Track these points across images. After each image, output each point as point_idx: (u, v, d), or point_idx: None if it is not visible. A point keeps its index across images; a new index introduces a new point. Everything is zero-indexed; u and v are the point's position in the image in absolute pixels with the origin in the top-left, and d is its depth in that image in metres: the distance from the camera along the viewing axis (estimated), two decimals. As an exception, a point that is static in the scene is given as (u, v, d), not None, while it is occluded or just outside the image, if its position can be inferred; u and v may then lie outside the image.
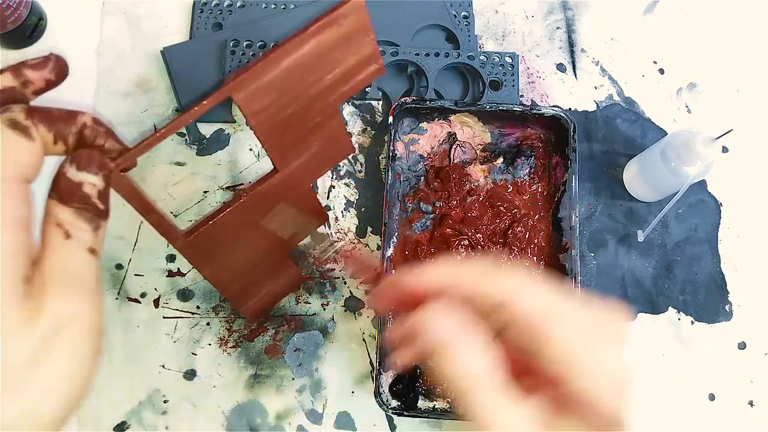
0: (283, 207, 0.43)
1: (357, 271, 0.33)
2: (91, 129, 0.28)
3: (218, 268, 0.44)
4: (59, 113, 0.27)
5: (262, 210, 0.42)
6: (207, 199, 0.58)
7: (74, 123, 0.27)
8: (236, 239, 0.43)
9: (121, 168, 0.30)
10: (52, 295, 0.24)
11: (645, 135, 0.62)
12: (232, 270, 0.45)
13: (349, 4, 0.35)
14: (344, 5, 0.35)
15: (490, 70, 0.60)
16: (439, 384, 0.53)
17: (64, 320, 0.24)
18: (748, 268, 0.59)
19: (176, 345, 0.54)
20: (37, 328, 0.23)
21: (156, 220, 0.36)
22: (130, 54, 0.61)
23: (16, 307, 0.23)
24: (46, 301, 0.24)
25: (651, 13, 0.66)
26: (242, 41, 0.59)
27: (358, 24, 0.36)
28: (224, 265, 0.44)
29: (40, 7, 0.60)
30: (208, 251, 0.41)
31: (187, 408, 0.53)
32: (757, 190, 0.61)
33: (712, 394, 0.56)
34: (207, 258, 0.42)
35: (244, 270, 0.46)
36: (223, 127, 0.60)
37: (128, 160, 0.30)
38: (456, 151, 0.59)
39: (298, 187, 0.43)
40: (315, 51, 0.35)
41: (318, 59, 0.36)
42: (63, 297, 0.24)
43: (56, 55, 0.29)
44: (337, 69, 0.37)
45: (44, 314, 0.23)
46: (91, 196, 0.26)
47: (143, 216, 0.35)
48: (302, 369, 0.54)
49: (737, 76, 0.64)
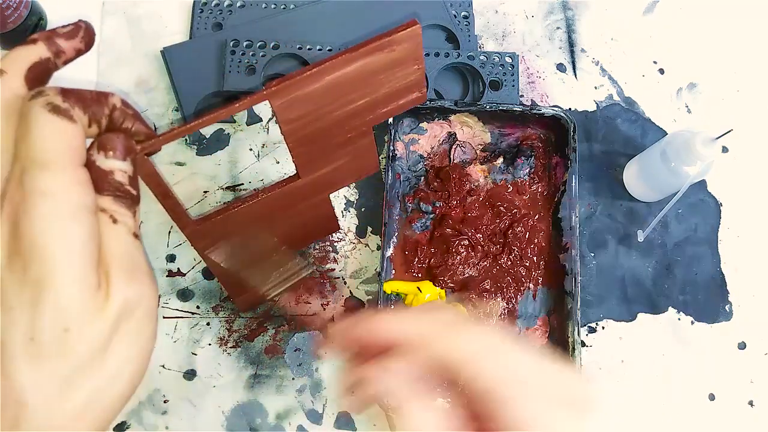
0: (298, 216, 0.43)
1: None
2: (120, 111, 0.27)
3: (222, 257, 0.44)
4: (91, 95, 0.26)
5: (275, 211, 0.42)
6: (207, 199, 0.58)
7: (106, 104, 0.27)
8: (244, 232, 0.43)
9: (146, 152, 0.30)
10: (117, 281, 0.24)
11: (645, 135, 0.62)
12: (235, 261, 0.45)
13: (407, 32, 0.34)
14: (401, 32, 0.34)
15: (490, 70, 0.60)
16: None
17: (131, 304, 0.25)
18: (748, 268, 0.59)
19: (176, 345, 0.54)
20: (108, 314, 0.24)
21: (171, 205, 0.36)
22: (130, 54, 0.61)
23: (91, 295, 0.23)
24: (113, 287, 0.24)
25: (651, 13, 0.66)
26: (242, 41, 0.59)
27: (410, 52, 0.35)
28: (226, 254, 0.44)
29: (40, 7, 0.60)
30: (215, 241, 0.42)
31: (187, 408, 0.53)
32: (757, 190, 0.61)
33: (712, 394, 0.56)
34: (211, 246, 0.42)
35: (246, 260, 0.46)
36: (223, 127, 0.60)
37: (155, 145, 0.30)
38: (456, 151, 0.59)
39: (317, 195, 0.43)
40: (361, 71, 0.34)
41: (362, 79, 0.35)
42: (127, 282, 0.25)
43: (85, 22, 0.28)
44: (380, 91, 0.36)
45: (113, 300, 0.24)
46: (124, 183, 0.26)
47: (159, 199, 0.35)
48: (302, 369, 0.54)
49: (737, 76, 0.64)
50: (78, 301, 0.23)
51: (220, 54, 0.60)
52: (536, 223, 0.57)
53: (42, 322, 0.23)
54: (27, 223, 0.23)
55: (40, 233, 0.23)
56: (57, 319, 0.23)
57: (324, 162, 0.40)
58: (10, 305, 0.23)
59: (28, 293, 0.23)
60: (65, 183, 0.23)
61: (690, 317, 0.57)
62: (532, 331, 0.55)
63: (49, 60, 0.27)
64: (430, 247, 0.56)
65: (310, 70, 0.33)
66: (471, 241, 0.56)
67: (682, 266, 0.59)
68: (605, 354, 0.56)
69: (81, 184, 0.24)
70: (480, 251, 0.56)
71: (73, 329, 0.23)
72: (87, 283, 0.23)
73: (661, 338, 0.57)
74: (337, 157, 0.40)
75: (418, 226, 0.57)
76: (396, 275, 0.55)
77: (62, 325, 0.23)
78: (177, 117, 0.60)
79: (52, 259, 0.23)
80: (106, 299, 0.24)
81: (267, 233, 0.44)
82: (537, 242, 0.57)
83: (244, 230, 0.42)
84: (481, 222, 0.57)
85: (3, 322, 0.23)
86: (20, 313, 0.23)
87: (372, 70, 0.35)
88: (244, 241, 0.44)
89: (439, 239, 0.56)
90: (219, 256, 0.43)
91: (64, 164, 0.23)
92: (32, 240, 0.23)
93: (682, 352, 0.57)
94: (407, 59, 0.35)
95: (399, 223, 0.57)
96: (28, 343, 0.23)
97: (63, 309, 0.23)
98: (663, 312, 0.57)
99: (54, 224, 0.23)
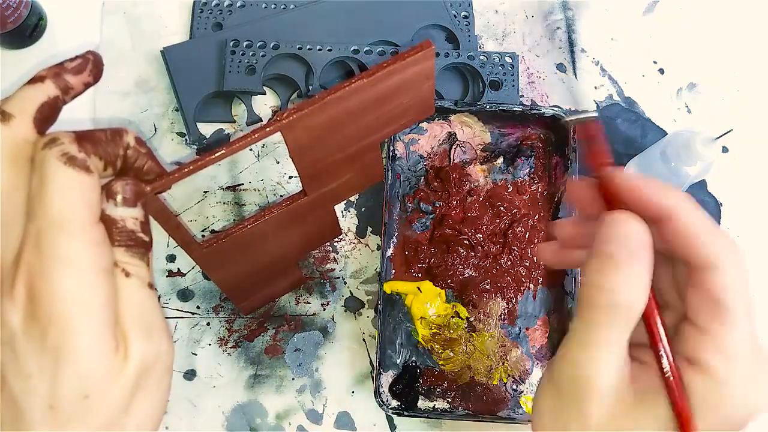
0: None
1: None
2: (133, 150, 0.26)
3: (227, 273, 0.44)
4: (104, 136, 0.25)
5: (281, 228, 0.42)
6: (207, 199, 0.58)
7: (121, 144, 0.26)
8: (250, 251, 0.43)
9: (156, 191, 0.29)
10: (135, 340, 0.24)
11: (645, 135, 0.62)
12: (239, 275, 0.45)
13: (421, 54, 0.33)
14: (417, 54, 0.32)
15: (490, 70, 0.60)
16: (438, 384, 0.53)
17: (149, 362, 0.24)
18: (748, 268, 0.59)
19: (176, 345, 0.54)
20: (127, 375, 0.23)
21: (180, 236, 0.35)
22: (130, 54, 0.61)
23: (110, 359, 0.23)
24: (131, 348, 0.24)
25: (651, 13, 0.66)
26: (242, 41, 0.59)
27: (424, 69, 0.34)
28: (233, 271, 0.44)
29: (40, 7, 0.60)
30: (221, 260, 0.41)
31: (187, 408, 0.53)
32: (757, 190, 0.61)
33: (712, 394, 0.56)
34: (219, 266, 0.42)
35: (251, 273, 0.46)
36: (223, 127, 0.60)
37: (165, 185, 0.28)
38: (456, 151, 0.59)
39: (322, 208, 0.43)
40: (373, 95, 0.33)
41: (375, 102, 0.34)
42: (144, 340, 0.24)
43: (93, 53, 0.27)
44: (391, 111, 0.36)
45: (132, 360, 0.24)
46: (136, 231, 0.25)
47: (169, 233, 0.34)
48: (302, 369, 0.54)
49: (737, 76, 0.64)
50: (97, 366, 0.23)
51: (220, 54, 0.60)
52: (536, 223, 0.57)
53: (62, 390, 0.22)
54: (45, 289, 0.22)
55: (59, 300, 0.22)
56: (77, 386, 0.22)
57: (331, 179, 0.40)
58: (28, 372, 0.22)
59: (47, 360, 0.22)
60: (84, 246, 0.23)
61: (690, 317, 0.57)
62: (532, 331, 0.55)
63: (58, 98, 0.26)
64: (430, 247, 0.56)
65: (322, 99, 0.32)
66: (471, 241, 0.56)
67: (682, 266, 0.59)
68: (605, 354, 0.56)
69: (99, 244, 0.23)
70: (480, 251, 0.56)
71: (94, 395, 0.23)
72: (106, 348, 0.23)
73: (661, 338, 0.57)
74: (344, 173, 0.40)
75: (418, 226, 0.57)
76: (396, 275, 0.55)
77: (83, 392, 0.22)
78: (177, 117, 0.60)
79: (71, 326, 0.22)
80: (125, 360, 0.24)
81: (272, 247, 0.44)
82: (537, 242, 0.57)
83: (250, 248, 0.42)
84: (481, 222, 0.57)
85: (21, 390, 0.22)
86: (39, 380, 0.22)
87: (384, 93, 0.34)
88: (250, 257, 0.44)
89: (439, 239, 0.56)
90: (226, 272, 0.43)
91: (83, 224, 0.23)
92: (51, 306, 0.22)
93: (682, 352, 0.57)
94: (419, 77, 0.34)
95: (399, 223, 0.57)
96: (47, 411, 0.22)
97: (83, 376, 0.22)
98: (663, 312, 0.57)
99: (73, 291, 0.22)
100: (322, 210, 0.43)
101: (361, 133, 0.36)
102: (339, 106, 0.33)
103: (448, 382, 0.53)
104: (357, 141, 0.37)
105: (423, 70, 0.34)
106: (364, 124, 0.36)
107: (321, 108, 0.32)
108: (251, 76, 0.59)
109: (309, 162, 0.37)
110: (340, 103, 0.33)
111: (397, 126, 0.37)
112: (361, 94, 0.33)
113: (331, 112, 0.33)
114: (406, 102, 0.36)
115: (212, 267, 0.42)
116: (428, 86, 0.35)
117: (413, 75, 0.34)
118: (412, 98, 0.36)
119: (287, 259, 0.49)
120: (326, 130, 0.34)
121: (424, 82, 0.35)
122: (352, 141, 0.37)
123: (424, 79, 0.35)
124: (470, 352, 0.53)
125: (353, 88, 0.32)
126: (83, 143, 0.24)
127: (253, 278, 0.47)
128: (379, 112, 0.35)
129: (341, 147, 0.37)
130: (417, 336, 0.53)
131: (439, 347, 0.53)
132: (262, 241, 0.42)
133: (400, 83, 0.34)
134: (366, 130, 0.36)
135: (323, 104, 0.32)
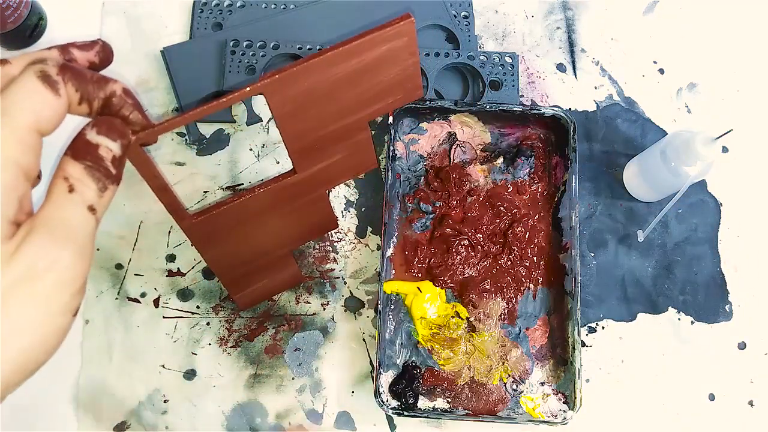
0: None
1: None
2: (119, 98, 0.28)
3: (219, 253, 0.44)
4: (91, 76, 0.27)
5: (273, 207, 0.42)
6: (207, 199, 0.58)
7: (103, 89, 0.27)
8: (242, 230, 0.43)
9: (141, 142, 0.30)
10: (33, 241, 0.23)
11: (645, 135, 0.62)
12: (232, 258, 0.46)
13: (400, 25, 0.34)
14: (396, 25, 0.34)
15: (490, 70, 0.60)
16: (438, 384, 0.53)
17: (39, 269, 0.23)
18: (748, 268, 0.59)
19: (176, 345, 0.54)
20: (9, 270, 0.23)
21: (167, 199, 0.36)
22: (130, 54, 0.61)
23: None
24: (25, 245, 0.23)
25: (651, 13, 0.66)
26: (242, 41, 0.59)
27: (405, 45, 0.35)
28: (226, 251, 0.44)
29: (40, 7, 0.60)
30: (213, 236, 0.42)
31: (187, 408, 0.53)
32: (757, 190, 0.61)
33: (712, 394, 0.56)
34: (210, 242, 0.43)
35: (245, 260, 0.47)
36: (223, 127, 0.60)
37: (150, 136, 0.30)
38: (456, 151, 0.59)
39: (314, 191, 0.43)
40: (356, 66, 0.35)
41: (358, 74, 0.35)
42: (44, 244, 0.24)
43: (103, 41, 0.29)
44: (375, 85, 0.36)
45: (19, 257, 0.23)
46: (105, 159, 0.26)
47: (155, 192, 0.35)
48: (302, 369, 0.54)
49: (737, 76, 0.64)
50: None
51: (220, 54, 0.60)
52: (536, 223, 0.57)
53: None
54: None
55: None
56: None
57: (320, 157, 0.40)
58: None
59: None
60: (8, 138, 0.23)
61: (690, 317, 0.57)
62: (532, 331, 0.55)
63: None
64: (430, 247, 0.56)
65: (303, 62, 0.33)
66: (471, 241, 0.56)
67: (682, 266, 0.59)
68: (605, 354, 0.56)
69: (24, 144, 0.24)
70: (480, 251, 0.56)
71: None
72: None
73: (661, 338, 0.57)
74: (334, 152, 0.40)
75: (418, 226, 0.57)
76: (396, 275, 0.55)
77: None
78: (177, 117, 0.60)
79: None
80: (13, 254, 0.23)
81: (265, 229, 0.44)
82: (537, 242, 0.57)
83: (241, 226, 0.42)
84: (481, 222, 0.57)
85: None
86: None
87: (366, 64, 0.35)
88: (242, 237, 0.44)
89: (439, 239, 0.56)
90: (217, 251, 0.44)
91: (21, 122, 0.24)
92: None
93: (682, 352, 0.57)
94: (402, 53, 0.35)
95: (399, 223, 0.57)
96: None
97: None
98: (663, 312, 0.57)
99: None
100: (315, 194, 0.43)
101: (346, 106, 0.37)
102: (321, 73, 0.34)
103: (448, 382, 0.53)
104: (343, 116, 0.38)
105: (405, 44, 0.35)
106: (348, 98, 0.37)
107: (303, 71, 0.33)
108: (251, 76, 0.59)
109: (295, 133, 0.37)
110: (322, 70, 0.34)
111: (383, 105, 0.38)
112: (343, 62, 0.34)
113: (313, 79, 0.34)
114: (390, 78, 0.36)
115: (203, 242, 0.42)
116: (412, 63, 0.36)
117: (395, 48, 0.35)
118: (396, 75, 0.36)
119: (282, 247, 0.48)
120: (310, 99, 0.35)
121: (407, 59, 0.36)
122: (337, 115, 0.37)
123: (408, 55, 0.36)
124: (470, 352, 0.53)
125: (334, 53, 0.33)
126: (66, 71, 0.25)
127: (247, 265, 0.47)
128: (362, 86, 0.36)
129: (327, 120, 0.37)
130: (417, 336, 0.53)
131: (439, 347, 0.53)
132: (254, 220, 0.42)
133: (382, 55, 0.35)
134: (351, 104, 0.37)
135: (305, 67, 0.33)
